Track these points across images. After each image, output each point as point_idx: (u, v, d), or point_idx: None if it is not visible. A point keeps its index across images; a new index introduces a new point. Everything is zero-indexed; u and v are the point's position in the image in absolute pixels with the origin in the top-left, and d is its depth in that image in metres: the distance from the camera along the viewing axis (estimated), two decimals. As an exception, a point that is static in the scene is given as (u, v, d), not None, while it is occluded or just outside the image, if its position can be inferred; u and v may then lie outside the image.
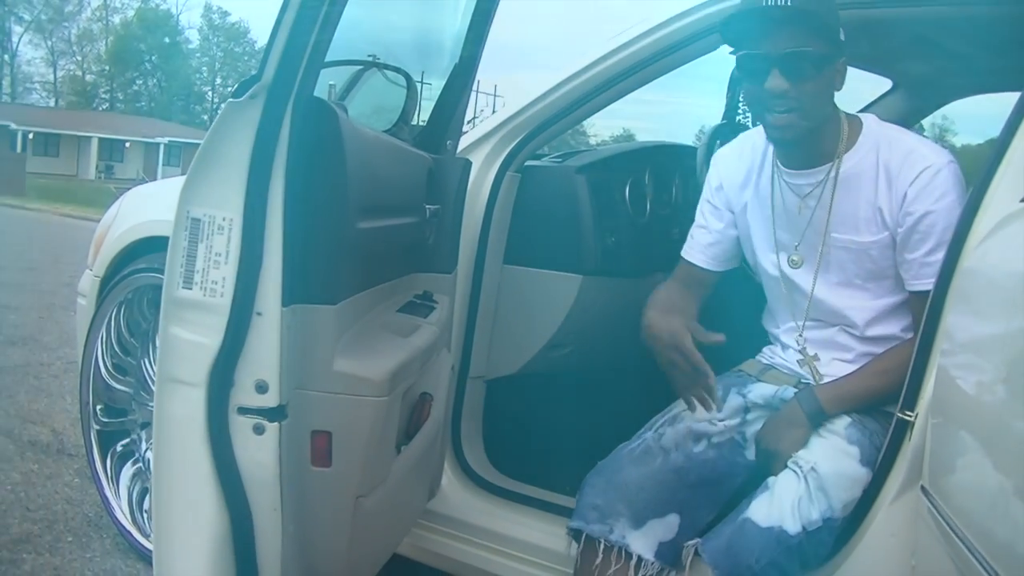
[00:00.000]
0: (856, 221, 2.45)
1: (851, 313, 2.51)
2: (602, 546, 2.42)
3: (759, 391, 2.61)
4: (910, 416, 2.22)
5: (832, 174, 2.46)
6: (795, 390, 2.54)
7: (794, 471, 2.33)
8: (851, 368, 2.51)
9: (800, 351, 2.58)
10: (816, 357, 2.56)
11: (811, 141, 2.43)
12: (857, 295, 2.50)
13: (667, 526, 2.44)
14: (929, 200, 2.35)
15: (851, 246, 2.46)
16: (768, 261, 2.62)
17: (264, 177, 1.92)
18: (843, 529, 2.33)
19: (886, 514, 2.28)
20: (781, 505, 2.28)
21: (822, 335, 2.57)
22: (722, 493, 2.52)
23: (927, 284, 2.31)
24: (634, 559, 2.41)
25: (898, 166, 2.39)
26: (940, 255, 2.29)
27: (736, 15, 2.35)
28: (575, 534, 2.48)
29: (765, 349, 2.75)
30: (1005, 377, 1.61)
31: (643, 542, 2.41)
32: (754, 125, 3.26)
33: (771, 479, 2.36)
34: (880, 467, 2.32)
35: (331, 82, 2.38)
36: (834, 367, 2.54)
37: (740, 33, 2.37)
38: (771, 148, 2.58)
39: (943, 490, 1.84)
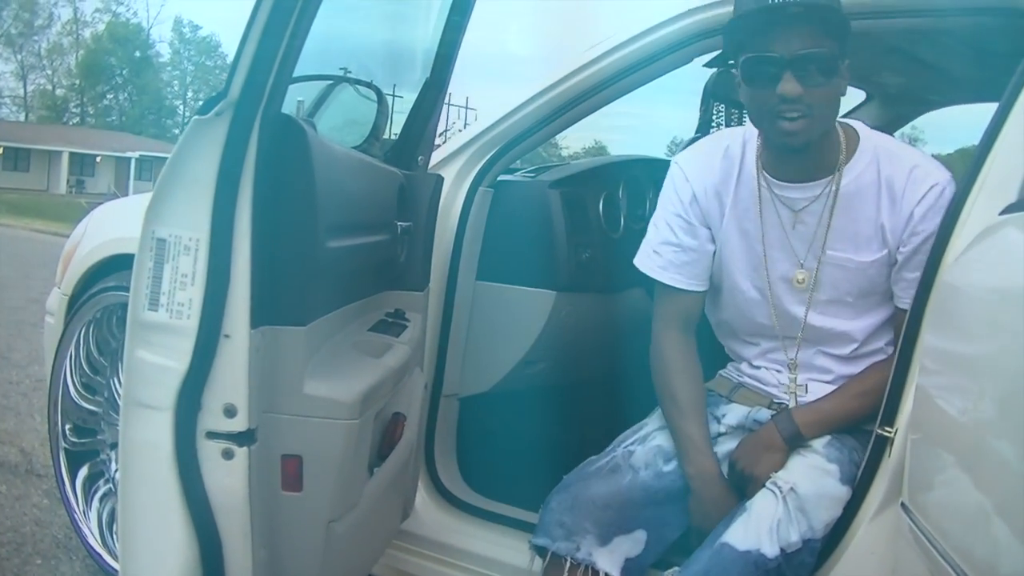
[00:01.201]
0: (856, 239, 2.37)
1: (837, 333, 2.46)
2: (568, 564, 2.40)
3: (732, 413, 2.55)
4: (889, 432, 2.21)
5: (832, 188, 2.37)
6: (769, 412, 2.50)
7: (773, 492, 2.29)
8: (830, 389, 2.47)
9: (787, 374, 2.52)
10: (804, 386, 2.51)
11: (813, 152, 2.32)
12: (843, 312, 2.44)
13: (634, 542, 2.42)
14: (937, 219, 2.26)
15: (848, 264, 2.39)
16: (750, 281, 2.51)
17: (231, 196, 1.89)
18: (823, 546, 2.31)
19: (866, 531, 2.26)
20: (759, 528, 2.24)
21: (804, 355, 2.51)
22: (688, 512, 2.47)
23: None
24: None
25: (902, 184, 2.32)
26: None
27: (746, 15, 2.23)
28: (539, 551, 2.45)
29: (730, 366, 2.68)
30: (984, 393, 1.61)
31: (609, 559, 2.39)
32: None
33: (748, 501, 2.32)
34: (859, 484, 2.30)
35: (299, 98, 2.35)
36: (813, 388, 2.50)
37: (748, 34, 2.24)
38: (752, 156, 2.46)
39: (923, 507, 1.83)
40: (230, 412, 1.94)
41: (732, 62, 2.36)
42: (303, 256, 2.03)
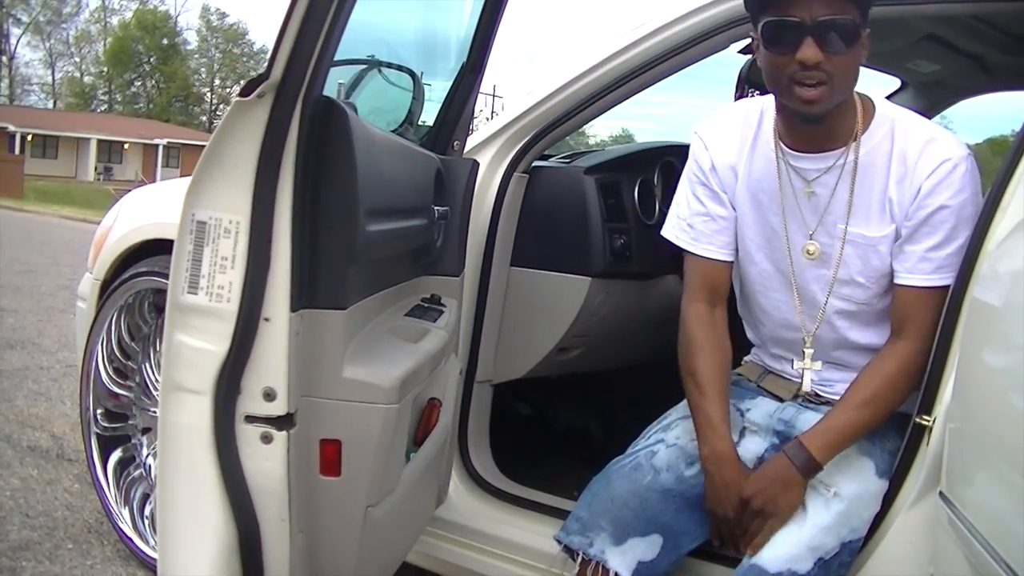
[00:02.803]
0: (868, 212, 2.32)
1: (846, 313, 2.41)
2: (580, 558, 2.39)
3: (758, 409, 2.50)
4: (927, 421, 2.19)
5: (848, 159, 2.31)
6: (795, 408, 2.45)
7: (821, 495, 2.26)
8: (840, 375, 2.43)
9: (802, 360, 2.48)
10: (820, 370, 2.47)
11: (829, 121, 2.27)
12: (857, 294, 2.38)
13: (649, 546, 2.38)
14: (945, 194, 2.23)
15: (860, 240, 2.33)
16: (761, 252, 2.47)
17: (272, 178, 1.89)
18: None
19: (903, 521, 2.25)
20: (798, 541, 2.21)
21: (821, 337, 2.46)
22: (708, 520, 2.42)
23: (920, 279, 2.26)
24: (611, 575, 2.37)
25: (915, 156, 2.27)
26: (943, 252, 2.24)
27: None
28: (560, 544, 2.45)
29: (756, 350, 2.65)
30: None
31: (621, 559, 2.36)
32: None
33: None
34: (896, 473, 2.29)
35: (340, 81, 2.33)
36: (829, 373, 2.47)
37: None
38: (768, 124, 2.42)
39: (962, 496, 1.81)
40: (269, 396, 1.94)
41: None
42: (344, 240, 2.01)
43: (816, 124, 2.27)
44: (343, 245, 2.01)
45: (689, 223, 2.52)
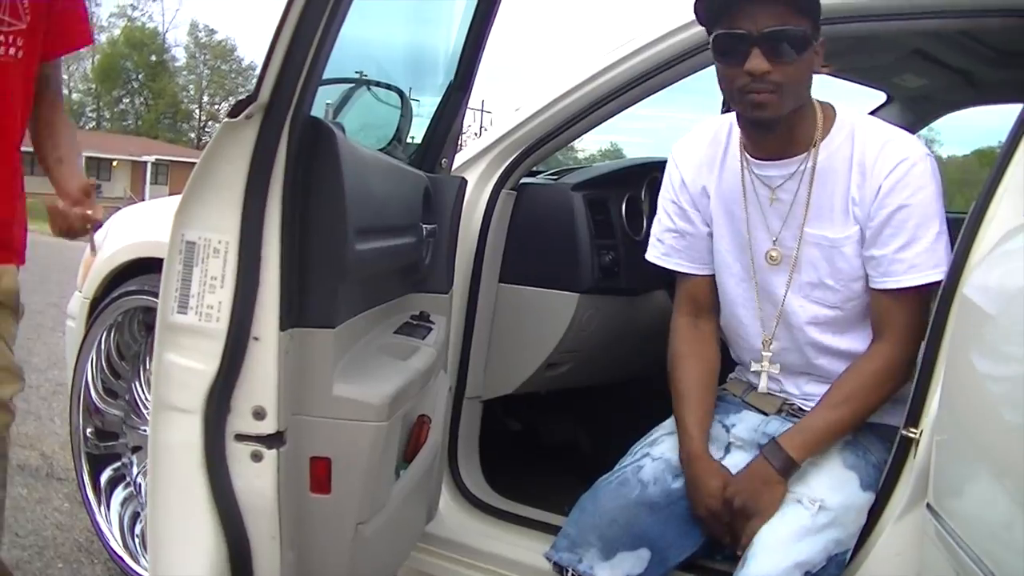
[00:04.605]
0: (831, 214, 2.34)
1: (820, 318, 2.42)
2: (569, 574, 2.40)
3: (743, 424, 2.51)
4: (914, 433, 2.20)
5: (808, 165, 2.34)
6: (780, 421, 2.46)
7: (805, 508, 2.26)
8: (823, 388, 2.42)
9: (767, 372, 2.50)
10: (792, 380, 2.49)
11: (786, 128, 2.31)
12: (828, 298, 2.39)
13: (637, 560, 2.38)
14: (904, 193, 2.25)
15: (823, 242, 2.35)
16: (737, 263, 2.50)
17: (260, 199, 1.90)
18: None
19: (891, 533, 2.26)
20: (785, 557, 2.20)
21: (790, 351, 2.48)
22: (695, 533, 2.43)
23: (893, 282, 2.28)
24: None
25: (874, 157, 2.29)
26: (912, 251, 2.26)
27: None
28: (550, 562, 2.45)
29: (739, 367, 2.66)
30: (1013, 394, 1.58)
31: (610, 574, 2.37)
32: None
33: (758, 536, 2.27)
34: (884, 486, 2.30)
35: (328, 101, 2.35)
36: (806, 385, 2.48)
37: (718, 10, 2.23)
38: (736, 138, 2.46)
39: (950, 508, 1.82)
40: (259, 414, 1.95)
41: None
42: (332, 259, 2.02)
43: (770, 130, 2.31)
44: (332, 264, 2.02)
45: (659, 238, 2.61)
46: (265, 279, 1.92)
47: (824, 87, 2.42)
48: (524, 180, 3.15)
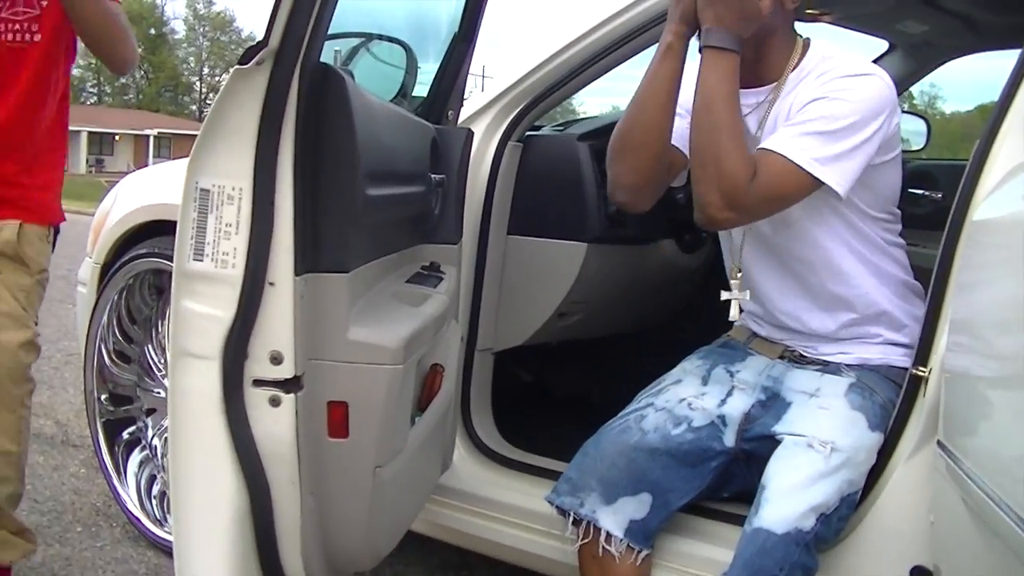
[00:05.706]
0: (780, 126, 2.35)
1: (776, 221, 2.40)
2: (571, 518, 2.43)
3: (748, 369, 2.54)
4: (923, 372, 2.22)
5: (774, 95, 2.38)
6: (784, 365, 2.50)
7: (817, 451, 2.26)
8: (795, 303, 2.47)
9: (731, 293, 2.49)
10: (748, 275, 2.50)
11: (753, 56, 2.33)
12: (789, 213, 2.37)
13: (639, 504, 2.41)
14: (833, 87, 2.26)
15: None
16: None
17: (273, 144, 1.90)
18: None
19: (902, 472, 2.28)
20: (802, 501, 2.21)
21: (760, 260, 2.49)
22: (696, 477, 2.46)
23: (771, 145, 2.26)
24: (603, 535, 2.41)
25: (830, 76, 2.30)
26: (796, 129, 2.24)
27: None
28: (552, 505, 2.49)
29: (744, 315, 2.65)
30: (1020, 327, 1.60)
31: (613, 519, 2.40)
32: None
33: (766, 476, 2.28)
34: (894, 425, 2.31)
35: (336, 48, 2.35)
36: (820, 347, 2.50)
37: None
38: None
39: (960, 443, 1.83)
40: (276, 359, 1.96)
41: None
42: (345, 203, 2.03)
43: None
44: (345, 208, 2.03)
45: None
46: (279, 224, 1.92)
47: (826, 36, 2.42)
48: (529, 132, 3.15)
